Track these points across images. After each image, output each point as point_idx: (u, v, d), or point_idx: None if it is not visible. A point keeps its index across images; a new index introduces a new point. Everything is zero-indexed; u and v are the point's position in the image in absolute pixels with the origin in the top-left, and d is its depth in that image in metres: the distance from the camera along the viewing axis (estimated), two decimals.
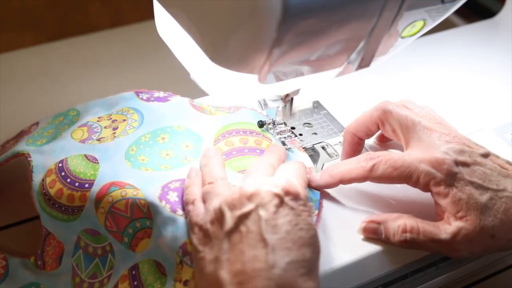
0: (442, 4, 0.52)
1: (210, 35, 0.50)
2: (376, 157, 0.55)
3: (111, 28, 1.02)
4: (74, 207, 0.58)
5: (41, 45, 0.97)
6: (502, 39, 0.87)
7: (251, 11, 0.44)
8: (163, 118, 0.64)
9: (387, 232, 0.54)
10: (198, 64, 0.55)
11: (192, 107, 0.66)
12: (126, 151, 0.60)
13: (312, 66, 0.52)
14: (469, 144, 0.56)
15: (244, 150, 0.62)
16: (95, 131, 0.63)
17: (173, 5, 0.53)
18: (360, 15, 0.48)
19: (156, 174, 0.58)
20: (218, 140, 0.63)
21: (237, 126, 0.64)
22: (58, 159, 0.60)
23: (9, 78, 0.89)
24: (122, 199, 0.56)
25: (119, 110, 0.66)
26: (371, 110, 0.60)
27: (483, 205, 0.52)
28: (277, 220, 0.48)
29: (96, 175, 0.58)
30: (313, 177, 0.59)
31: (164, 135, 0.62)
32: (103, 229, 0.57)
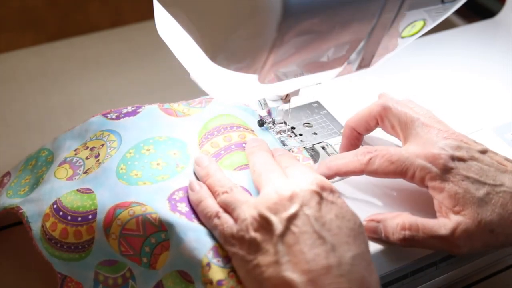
0: (442, 4, 0.52)
1: (210, 35, 0.50)
2: (374, 151, 0.55)
3: (111, 28, 1.02)
4: (84, 243, 0.56)
5: (41, 45, 0.97)
6: (502, 39, 0.87)
7: (251, 11, 0.44)
8: (141, 131, 0.62)
9: (386, 231, 0.54)
10: (198, 64, 0.55)
11: (164, 112, 0.65)
12: (117, 171, 0.59)
13: (312, 66, 0.52)
14: (467, 141, 0.56)
15: (231, 147, 0.61)
16: (78, 166, 0.62)
17: (173, 5, 0.53)
18: (360, 15, 0.48)
19: (155, 187, 0.57)
20: (202, 142, 0.62)
21: (215, 122, 0.64)
22: (51, 201, 0.59)
23: (9, 78, 0.89)
24: (131, 218, 0.55)
25: (93, 136, 0.64)
26: (371, 106, 0.61)
27: (479, 199, 0.52)
28: (325, 216, 0.49)
29: (96, 204, 0.57)
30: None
31: (147, 146, 0.61)
32: (119, 256, 0.56)
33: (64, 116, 0.84)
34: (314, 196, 0.50)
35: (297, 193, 0.50)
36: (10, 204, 0.61)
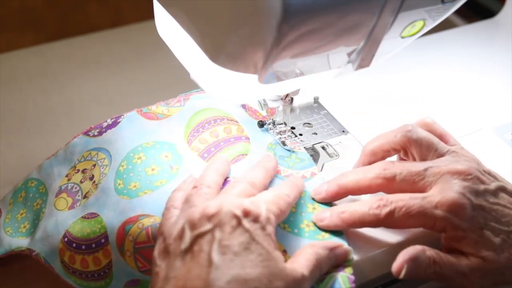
0: (442, 4, 0.52)
1: (210, 35, 0.50)
2: (389, 204, 0.52)
3: (111, 28, 1.02)
4: (104, 268, 0.56)
5: (41, 45, 0.97)
6: (502, 39, 0.87)
7: (251, 11, 0.44)
8: (127, 142, 0.62)
9: (419, 268, 0.51)
10: (198, 64, 0.55)
11: (144, 117, 0.64)
12: (115, 188, 0.59)
13: (312, 66, 0.52)
14: (483, 179, 0.54)
15: (220, 144, 0.61)
16: (75, 192, 0.61)
17: (173, 5, 0.53)
18: (360, 15, 0.48)
19: (157, 194, 0.57)
20: (190, 140, 0.62)
21: (198, 118, 0.63)
22: (60, 235, 0.58)
23: (9, 78, 0.89)
24: (141, 231, 0.55)
25: (80, 158, 0.63)
26: (394, 136, 0.58)
27: (497, 246, 0.52)
28: (230, 240, 0.47)
29: (105, 226, 0.57)
30: (320, 215, 0.56)
31: (138, 155, 0.61)
32: (138, 274, 0.55)
33: (64, 116, 0.84)
34: (232, 220, 0.48)
35: (218, 213, 0.49)
36: (18, 246, 0.60)
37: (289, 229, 0.55)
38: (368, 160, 0.59)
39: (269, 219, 0.50)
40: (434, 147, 0.56)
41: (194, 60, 0.56)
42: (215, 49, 0.50)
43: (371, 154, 0.59)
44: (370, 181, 0.55)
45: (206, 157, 0.60)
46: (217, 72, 0.51)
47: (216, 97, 0.65)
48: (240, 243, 0.47)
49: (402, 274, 0.51)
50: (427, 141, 0.57)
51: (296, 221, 0.56)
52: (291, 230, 0.55)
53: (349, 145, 0.66)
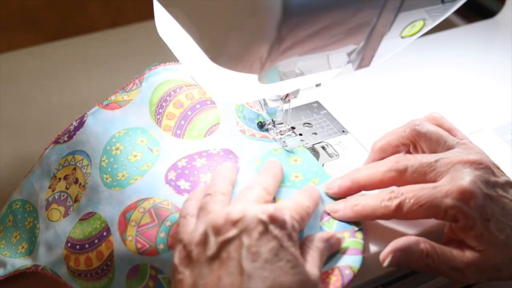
0: (442, 4, 0.52)
1: (210, 35, 0.50)
2: (400, 195, 0.53)
3: (111, 28, 1.02)
4: (106, 260, 0.56)
5: (41, 45, 0.97)
6: (502, 39, 0.87)
7: (251, 11, 0.44)
8: (99, 137, 0.62)
9: (411, 258, 0.52)
10: (198, 64, 0.55)
11: (107, 109, 0.64)
12: (105, 184, 0.59)
13: (312, 65, 0.52)
14: (493, 171, 0.54)
15: (187, 114, 0.62)
16: (64, 199, 0.61)
17: (173, 5, 0.53)
18: (360, 15, 0.48)
19: (148, 177, 0.58)
20: (158, 120, 0.62)
21: (157, 94, 0.63)
22: (63, 244, 0.58)
23: (9, 78, 0.89)
24: (144, 214, 0.55)
25: (58, 166, 0.63)
26: (402, 130, 0.58)
27: (501, 242, 0.52)
28: (259, 247, 0.47)
29: (104, 220, 0.57)
30: (334, 206, 0.56)
31: (114, 146, 0.61)
32: (138, 257, 0.55)
33: (64, 116, 0.84)
34: (258, 225, 0.48)
35: (243, 219, 0.48)
36: (23, 265, 0.60)
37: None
38: (378, 156, 0.59)
39: (294, 226, 0.50)
40: (443, 140, 0.56)
41: (194, 60, 0.56)
42: (215, 49, 0.50)
43: (380, 151, 0.59)
44: (383, 174, 0.55)
45: (180, 133, 0.61)
46: (217, 72, 0.51)
47: (216, 97, 0.65)
48: (270, 250, 0.47)
49: (385, 262, 0.51)
50: (436, 135, 0.57)
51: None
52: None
53: (349, 145, 0.66)
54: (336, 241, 0.54)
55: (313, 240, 0.52)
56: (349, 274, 0.52)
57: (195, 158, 0.60)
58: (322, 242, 0.52)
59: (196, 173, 0.59)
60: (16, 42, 0.97)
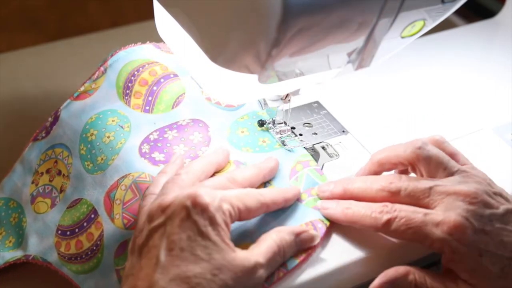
0: (442, 4, 0.52)
1: (210, 35, 0.50)
2: (392, 211, 0.52)
3: (111, 28, 1.02)
4: (96, 240, 0.57)
5: (41, 45, 0.96)
6: (502, 39, 0.87)
7: (251, 11, 0.44)
8: (75, 127, 0.64)
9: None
10: (198, 64, 0.55)
11: (79, 100, 0.65)
12: (87, 170, 0.61)
13: (312, 65, 0.52)
14: (490, 202, 0.52)
15: (153, 89, 0.64)
16: (49, 191, 0.63)
17: (173, 5, 0.53)
18: (360, 15, 0.48)
19: (123, 153, 0.60)
20: (127, 101, 0.64)
21: (123, 76, 0.65)
22: (53, 232, 0.60)
23: (9, 78, 0.89)
24: (126, 191, 0.57)
25: (39, 162, 0.65)
26: (403, 150, 0.56)
27: (495, 275, 0.51)
28: (178, 235, 0.47)
29: (91, 203, 0.59)
30: (326, 204, 0.57)
31: (89, 133, 0.62)
32: (125, 232, 0.56)
33: None
34: (182, 211, 0.48)
35: (171, 205, 0.49)
36: (12, 256, 0.60)
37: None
38: (375, 169, 0.58)
39: (221, 208, 0.49)
40: (443, 165, 0.55)
41: (194, 60, 0.56)
42: (215, 49, 0.50)
43: (378, 164, 0.58)
44: (376, 192, 0.55)
45: (149, 109, 0.63)
46: (217, 72, 0.51)
47: (217, 97, 0.65)
48: (187, 237, 0.47)
49: None
50: (437, 159, 0.55)
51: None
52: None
53: (349, 145, 0.66)
54: (308, 237, 0.53)
55: (282, 231, 0.52)
56: (322, 227, 0.54)
57: (165, 131, 0.62)
58: (290, 234, 0.52)
59: (169, 145, 0.61)
60: (16, 42, 0.97)
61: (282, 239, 0.51)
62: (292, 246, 0.52)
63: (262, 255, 0.50)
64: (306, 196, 0.58)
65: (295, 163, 0.61)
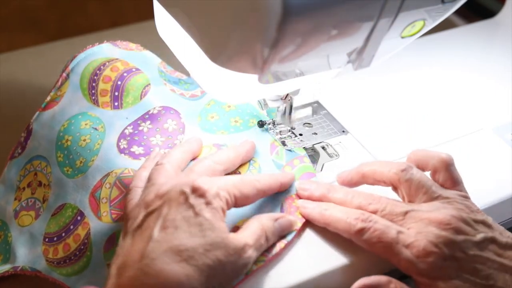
0: (442, 4, 0.52)
1: (210, 35, 0.50)
2: (368, 221, 0.52)
3: (111, 28, 1.02)
4: (83, 239, 0.57)
5: (41, 45, 0.96)
6: (502, 39, 0.87)
7: (251, 11, 0.44)
8: (48, 137, 0.64)
9: None
10: (198, 64, 0.55)
11: (47, 109, 0.66)
12: (67, 175, 0.61)
13: (312, 66, 0.52)
14: (465, 230, 0.52)
15: (117, 84, 0.64)
16: (32, 204, 0.63)
17: (173, 5, 0.53)
18: (360, 15, 0.48)
19: (102, 153, 0.60)
20: (94, 100, 0.64)
21: (86, 77, 0.65)
22: (40, 241, 0.60)
23: (9, 78, 0.89)
24: (111, 189, 0.58)
25: (19, 178, 0.64)
26: (389, 170, 0.56)
27: None
28: (174, 215, 0.49)
29: (75, 206, 0.59)
30: (306, 204, 0.57)
31: (64, 139, 0.63)
32: (114, 226, 0.56)
33: None
34: (179, 196, 0.50)
35: (168, 192, 0.50)
36: (0, 270, 0.60)
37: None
38: (357, 179, 0.58)
39: (218, 194, 0.51)
40: (424, 190, 0.54)
41: (194, 60, 0.56)
42: (215, 49, 0.50)
43: (362, 176, 0.58)
44: (355, 208, 0.55)
45: (118, 105, 0.63)
46: (217, 72, 0.51)
47: (217, 97, 0.65)
48: (183, 217, 0.49)
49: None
50: (418, 184, 0.55)
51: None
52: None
53: (349, 145, 0.66)
54: (286, 223, 0.54)
55: (261, 217, 0.54)
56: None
57: (139, 123, 0.62)
58: (269, 220, 0.54)
59: (146, 138, 0.61)
60: (16, 42, 0.97)
61: (263, 224, 0.53)
62: (273, 231, 0.54)
63: (250, 237, 0.51)
64: (290, 168, 0.60)
65: (273, 139, 0.63)
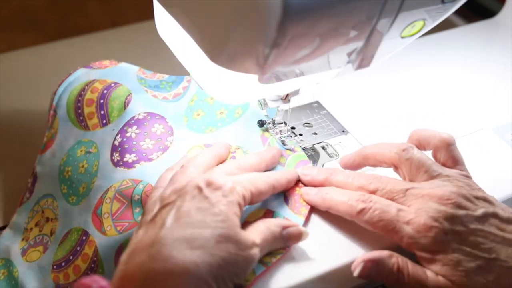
0: (442, 4, 0.52)
1: (210, 35, 0.50)
2: (368, 202, 0.53)
3: (111, 28, 1.02)
4: (92, 257, 0.57)
5: (41, 45, 0.96)
6: (502, 39, 0.87)
7: (251, 11, 0.44)
8: (52, 175, 0.64)
9: (383, 271, 0.52)
10: (198, 64, 0.55)
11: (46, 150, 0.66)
12: (72, 204, 0.61)
13: (312, 66, 0.52)
14: (465, 205, 0.52)
15: (101, 102, 0.64)
16: (40, 240, 0.63)
17: (173, 5, 0.53)
18: (360, 15, 0.48)
19: (100, 174, 0.60)
20: (84, 125, 0.64)
21: (70, 105, 0.66)
22: (49, 271, 0.60)
23: (9, 78, 0.89)
24: (111, 202, 0.57)
25: (27, 220, 0.65)
26: (390, 150, 0.57)
27: (471, 271, 0.50)
28: (188, 207, 0.49)
29: (80, 228, 0.59)
30: (308, 190, 0.58)
31: (65, 172, 0.63)
32: (119, 237, 0.56)
33: None
34: (194, 190, 0.50)
35: (184, 186, 0.51)
36: None
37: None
38: (359, 161, 0.59)
39: (234, 189, 0.51)
40: (424, 168, 0.55)
41: (194, 60, 0.56)
42: (215, 49, 0.50)
43: (363, 158, 0.59)
44: (355, 189, 0.56)
45: (106, 122, 0.64)
46: (217, 72, 0.51)
47: (217, 97, 0.65)
48: (197, 208, 0.49)
49: (356, 272, 0.52)
50: (418, 163, 0.56)
51: None
52: None
53: (349, 145, 0.66)
54: (295, 232, 0.54)
55: (268, 222, 0.54)
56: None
57: (126, 130, 0.62)
58: (277, 226, 0.53)
59: (135, 143, 0.61)
60: (16, 42, 0.97)
61: (269, 228, 0.53)
62: (279, 238, 0.53)
63: (257, 237, 0.51)
64: (284, 158, 0.61)
65: (262, 131, 0.64)
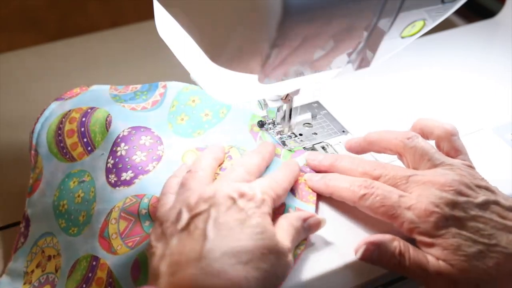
0: (442, 4, 0.52)
1: (210, 35, 0.50)
2: (370, 188, 0.54)
3: (111, 28, 1.02)
4: (108, 279, 0.56)
5: (41, 45, 0.97)
6: (502, 39, 0.87)
7: (251, 11, 0.44)
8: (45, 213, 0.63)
9: (384, 255, 0.53)
10: (198, 64, 0.55)
11: (34, 191, 0.65)
12: (74, 235, 0.60)
13: (312, 66, 0.52)
14: (466, 192, 0.53)
15: (81, 130, 0.63)
16: (46, 279, 0.61)
17: (173, 5, 0.53)
18: (360, 15, 0.48)
19: (99, 199, 0.59)
20: (69, 158, 0.63)
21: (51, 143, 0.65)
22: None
23: (9, 78, 0.89)
24: (117, 222, 0.57)
25: (26, 264, 0.63)
26: (395, 137, 0.58)
27: (471, 256, 0.51)
28: (225, 218, 0.49)
29: (89, 255, 0.58)
30: (312, 176, 0.59)
31: (60, 206, 0.62)
32: (131, 253, 0.55)
33: None
34: (227, 200, 0.50)
35: (214, 196, 0.50)
36: None
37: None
38: (364, 146, 0.61)
39: (265, 200, 0.51)
40: (428, 157, 0.56)
41: (194, 60, 0.56)
42: (215, 49, 0.50)
43: (368, 143, 0.60)
44: (359, 175, 0.57)
45: (91, 148, 0.63)
46: (217, 72, 0.51)
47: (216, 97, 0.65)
48: (235, 220, 0.49)
49: (358, 253, 0.53)
50: (421, 151, 0.57)
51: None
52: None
53: None
54: (315, 222, 0.54)
55: (288, 217, 0.54)
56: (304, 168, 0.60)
57: (115, 150, 0.61)
58: (298, 220, 0.53)
59: (128, 160, 0.60)
60: (16, 42, 0.97)
61: (292, 224, 0.53)
62: (301, 232, 0.54)
63: (288, 240, 0.51)
64: (279, 149, 0.62)
65: (250, 126, 0.64)
